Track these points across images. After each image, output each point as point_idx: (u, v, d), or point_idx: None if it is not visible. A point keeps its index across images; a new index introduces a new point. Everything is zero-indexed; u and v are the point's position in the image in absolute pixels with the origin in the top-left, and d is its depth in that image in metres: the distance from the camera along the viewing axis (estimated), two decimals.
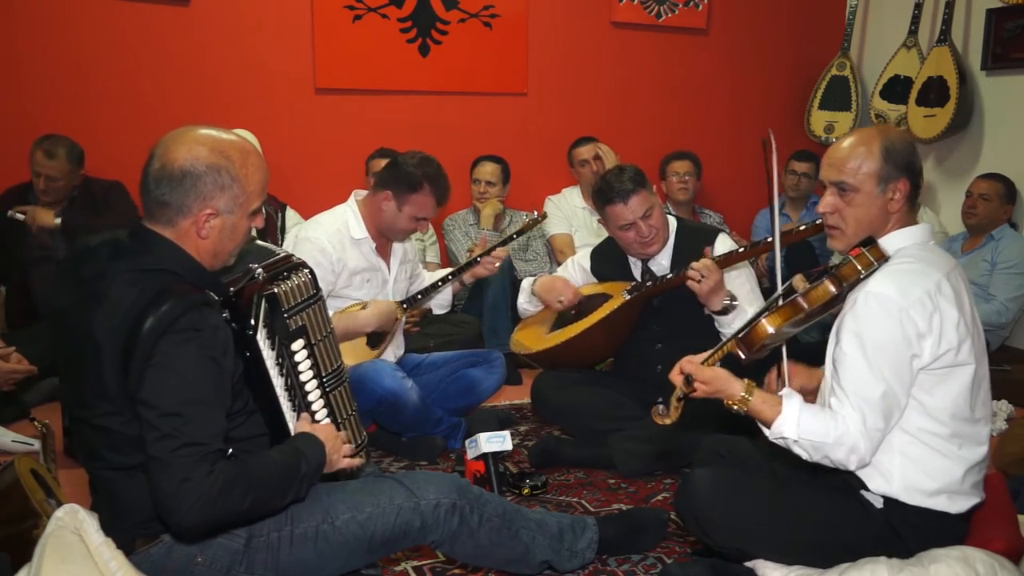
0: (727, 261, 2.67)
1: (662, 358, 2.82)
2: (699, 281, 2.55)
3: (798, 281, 1.87)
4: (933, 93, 4.38)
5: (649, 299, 2.85)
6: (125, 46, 3.94)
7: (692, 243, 2.84)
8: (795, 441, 1.73)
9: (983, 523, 1.85)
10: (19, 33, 3.78)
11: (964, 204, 4.02)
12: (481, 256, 3.02)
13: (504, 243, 3.16)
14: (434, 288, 3.05)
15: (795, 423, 1.72)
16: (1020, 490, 2.23)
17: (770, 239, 2.17)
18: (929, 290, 1.69)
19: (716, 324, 2.69)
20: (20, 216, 3.52)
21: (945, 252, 1.89)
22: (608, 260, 3.01)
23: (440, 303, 3.21)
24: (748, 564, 1.91)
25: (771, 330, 1.83)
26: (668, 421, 1.92)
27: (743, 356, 1.88)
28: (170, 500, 1.45)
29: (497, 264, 3.04)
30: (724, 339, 1.95)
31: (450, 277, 3.06)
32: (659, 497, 2.58)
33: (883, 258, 1.78)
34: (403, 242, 2.98)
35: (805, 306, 1.81)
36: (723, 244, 2.82)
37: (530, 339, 3.06)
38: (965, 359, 1.71)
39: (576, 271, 3.08)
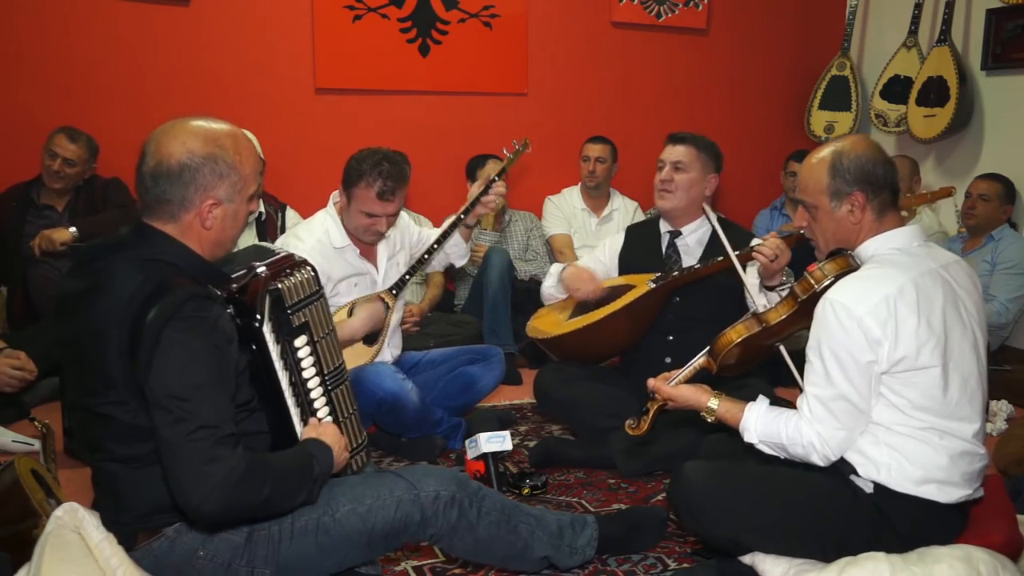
0: (792, 240, 2.64)
1: (673, 350, 2.82)
2: (772, 260, 2.49)
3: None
4: (933, 93, 4.38)
5: (675, 289, 2.85)
6: (125, 46, 3.94)
7: (727, 235, 2.81)
8: (759, 442, 1.86)
9: (981, 518, 1.86)
10: (20, 33, 3.78)
11: (963, 204, 4.01)
12: (481, 196, 2.95)
13: (495, 179, 2.99)
14: (420, 263, 2.98)
15: (753, 428, 1.86)
16: (1020, 490, 2.23)
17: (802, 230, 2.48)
18: (888, 295, 1.71)
19: (757, 301, 2.59)
20: (39, 249, 3.46)
21: (934, 251, 1.87)
22: (640, 236, 3.07)
23: (458, 254, 3.13)
24: (746, 561, 1.91)
25: (734, 340, 2.03)
26: (639, 432, 2.07)
27: (713, 369, 2.06)
28: (189, 484, 1.45)
29: (498, 200, 2.99)
30: (696, 356, 2.06)
31: (435, 247, 2.97)
32: (659, 497, 2.58)
33: (846, 268, 1.86)
34: (376, 244, 2.88)
35: (759, 325, 2.02)
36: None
37: (548, 325, 3.03)
38: (926, 363, 1.72)
39: (605, 254, 3.11)
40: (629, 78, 4.84)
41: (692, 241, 2.93)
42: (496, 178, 2.99)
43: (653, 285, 2.82)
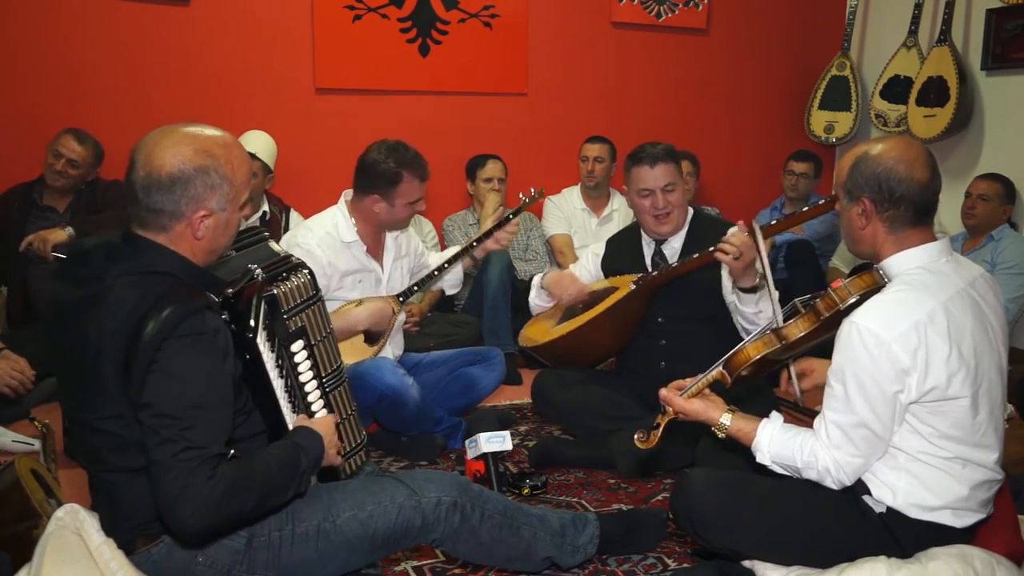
0: (766, 231, 2.57)
1: (666, 354, 2.83)
2: (737, 258, 2.46)
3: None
4: (933, 93, 4.39)
5: (656, 289, 2.84)
6: (125, 46, 3.94)
7: (706, 233, 2.82)
8: (771, 463, 1.81)
9: (985, 530, 1.83)
10: (19, 33, 3.78)
11: (963, 204, 4.02)
12: (494, 230, 3.00)
13: (511, 218, 3.05)
14: (430, 278, 3.04)
15: (766, 449, 1.80)
16: (1020, 490, 2.23)
17: (806, 208, 2.72)
18: (918, 322, 1.63)
19: (739, 305, 2.60)
20: (32, 250, 3.42)
21: (960, 266, 1.78)
22: (621, 246, 3.03)
23: (452, 282, 3.21)
24: (746, 564, 1.91)
25: (752, 356, 1.94)
26: (649, 446, 2.01)
27: (727, 383, 1.98)
28: (172, 505, 1.44)
29: (508, 240, 3.05)
30: (711, 367, 2.00)
31: (446, 265, 3.05)
32: (659, 497, 2.58)
33: (872, 287, 1.77)
34: (402, 231, 2.97)
35: (778, 341, 1.93)
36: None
37: (537, 332, 3.06)
38: (956, 393, 1.65)
39: (590, 262, 3.10)
40: (629, 78, 4.85)
41: (678, 243, 2.89)
42: (511, 216, 3.02)
43: (634, 287, 2.82)
